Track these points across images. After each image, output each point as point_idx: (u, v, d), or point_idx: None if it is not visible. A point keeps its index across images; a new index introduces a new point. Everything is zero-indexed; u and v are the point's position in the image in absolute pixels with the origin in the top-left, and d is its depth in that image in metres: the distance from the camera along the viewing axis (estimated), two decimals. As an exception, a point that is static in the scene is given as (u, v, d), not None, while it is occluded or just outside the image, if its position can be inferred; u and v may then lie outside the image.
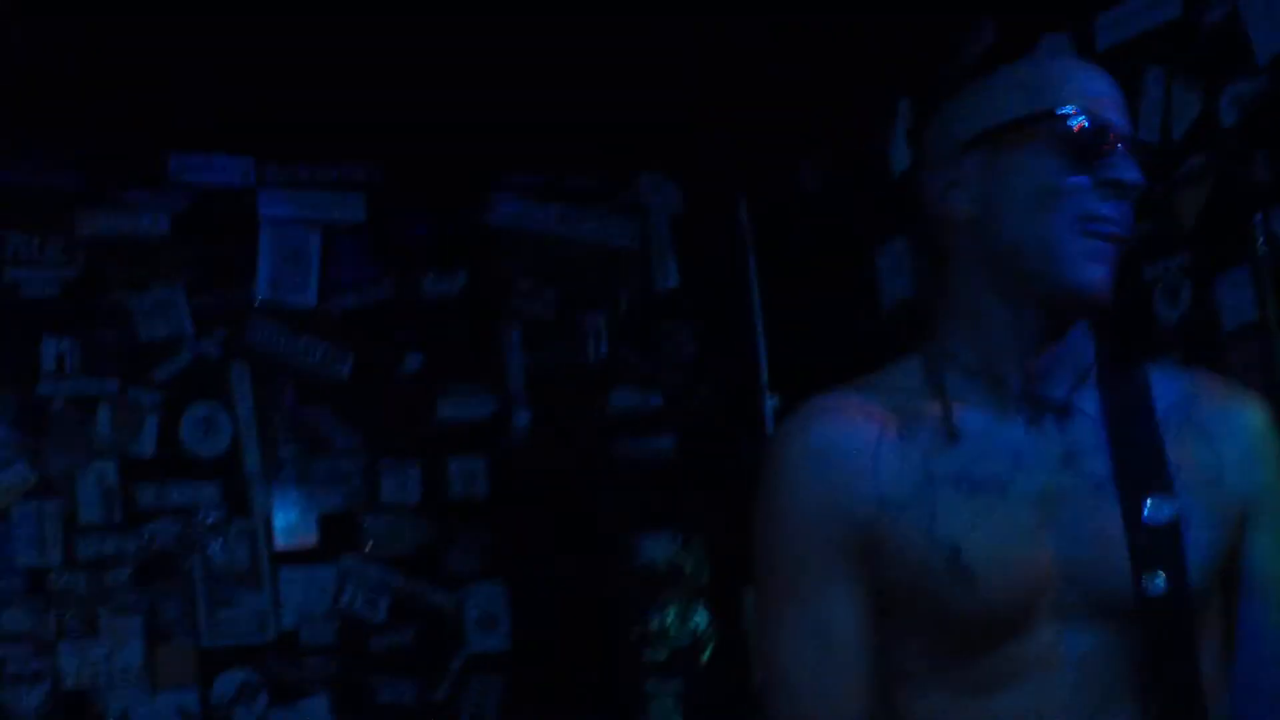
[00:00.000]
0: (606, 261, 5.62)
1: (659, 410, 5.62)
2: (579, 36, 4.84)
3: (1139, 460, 2.14)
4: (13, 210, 5.01)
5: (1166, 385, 2.23)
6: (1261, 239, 3.65)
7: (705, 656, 5.46)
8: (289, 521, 5.15)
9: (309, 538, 5.18)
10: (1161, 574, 2.08)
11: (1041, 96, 2.15)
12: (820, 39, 4.82)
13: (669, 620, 5.45)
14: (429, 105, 5.17)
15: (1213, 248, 3.78)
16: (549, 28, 4.80)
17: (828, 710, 2.13)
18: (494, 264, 5.50)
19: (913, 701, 2.15)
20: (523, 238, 5.53)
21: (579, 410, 5.51)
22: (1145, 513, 2.10)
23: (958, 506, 2.10)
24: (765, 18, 4.74)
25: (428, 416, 5.36)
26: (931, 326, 2.24)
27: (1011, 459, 2.13)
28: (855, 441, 2.16)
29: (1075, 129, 2.12)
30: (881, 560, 2.12)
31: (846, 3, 4.63)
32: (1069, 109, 2.12)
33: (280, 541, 5.14)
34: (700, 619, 5.47)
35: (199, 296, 5.16)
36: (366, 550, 5.23)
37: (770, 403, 5.55)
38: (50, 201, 5.06)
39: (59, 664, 4.86)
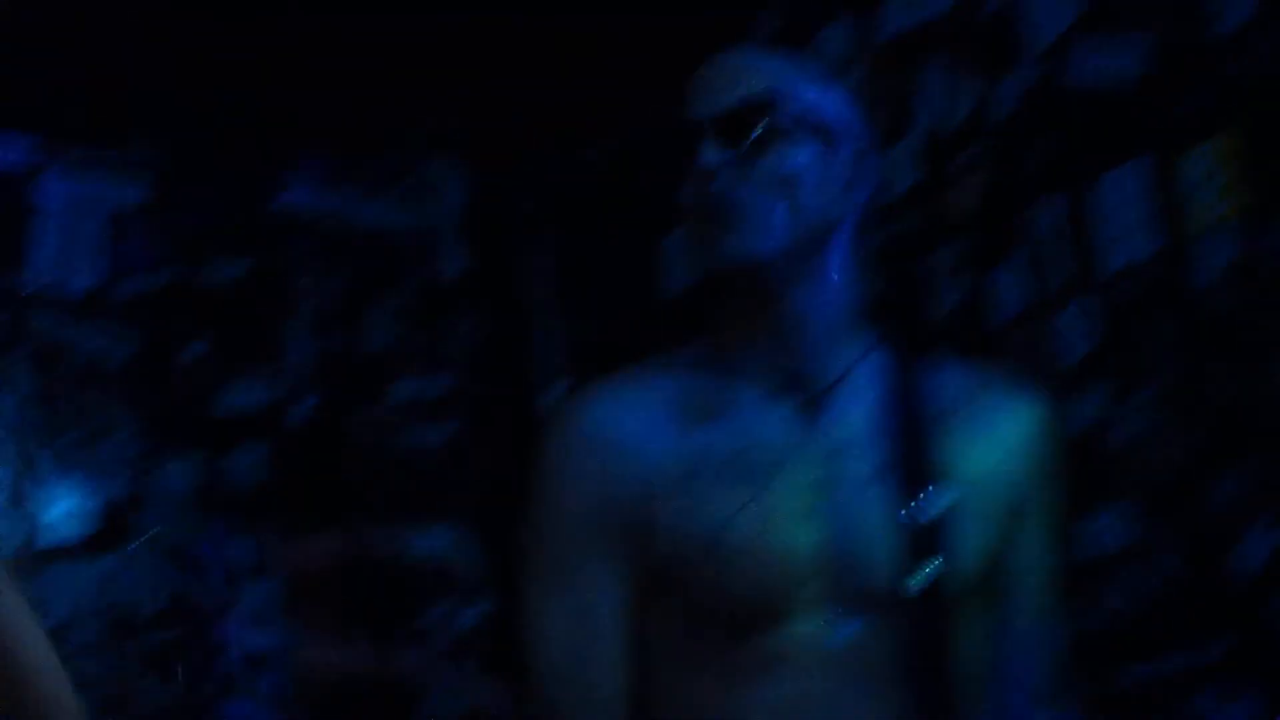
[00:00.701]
0: (393, 247, 5.58)
1: (440, 400, 5.57)
2: (367, 17, 4.80)
3: (911, 453, 2.18)
4: None
5: (946, 377, 2.28)
6: (1035, 230, 3.70)
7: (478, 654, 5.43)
8: (61, 513, 5.04)
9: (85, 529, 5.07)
10: (927, 568, 2.11)
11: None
12: (593, 20, 4.84)
13: (442, 615, 5.42)
14: (217, 87, 5.10)
15: (988, 238, 3.82)
16: (337, 7, 4.77)
17: (584, 692, 2.18)
18: (280, 250, 5.43)
19: (677, 687, 2.18)
20: (309, 223, 5.47)
21: (362, 399, 5.46)
22: (914, 505, 2.14)
23: (723, 492, 2.14)
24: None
25: (208, 405, 5.27)
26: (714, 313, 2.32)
27: (781, 448, 2.17)
28: (626, 425, 2.22)
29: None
30: (647, 543, 2.16)
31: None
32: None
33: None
34: (472, 615, 5.44)
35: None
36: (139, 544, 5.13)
37: (560, 392, 5.54)
38: None
39: None
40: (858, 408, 2.22)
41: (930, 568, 2.11)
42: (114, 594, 5.08)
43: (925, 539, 2.12)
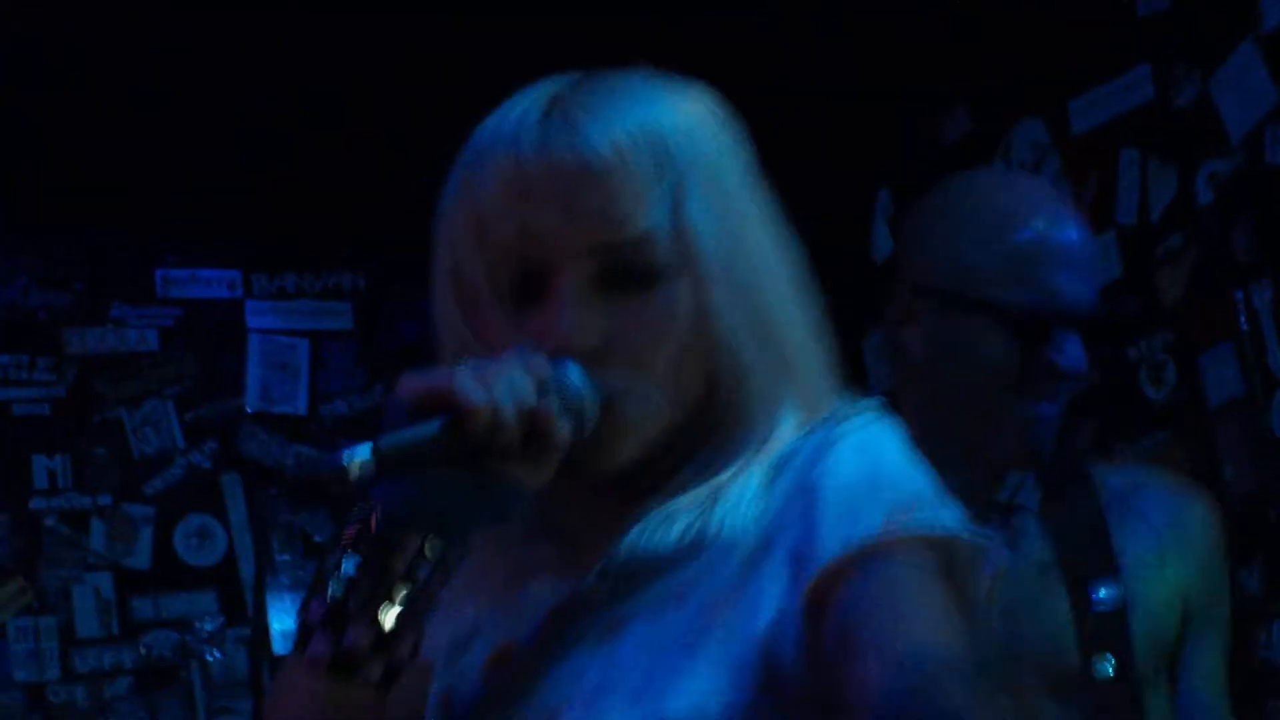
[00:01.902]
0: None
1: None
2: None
3: (1083, 546, 2.17)
4: (1, 330, 5.03)
5: (1113, 478, 2.28)
6: (1243, 315, 3.67)
7: None
8: (287, 627, 5.15)
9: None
10: (1110, 656, 2.10)
11: (992, 285, 2.19)
12: (797, 125, 4.86)
13: None
14: (412, 211, 5.17)
15: (1195, 325, 3.80)
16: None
17: None
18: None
19: None
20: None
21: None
22: (1092, 596, 2.12)
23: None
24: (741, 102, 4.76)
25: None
26: None
27: None
28: None
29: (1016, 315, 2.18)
30: None
31: (821, 91, 4.65)
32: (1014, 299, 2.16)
33: (279, 647, 5.13)
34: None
35: (189, 409, 5.18)
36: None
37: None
38: (39, 321, 5.09)
39: (60, 779, 4.86)
40: (1028, 510, 2.22)
41: (1109, 657, 2.09)
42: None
43: (1106, 629, 2.11)
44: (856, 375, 4.88)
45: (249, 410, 5.24)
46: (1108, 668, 2.09)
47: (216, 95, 4.49)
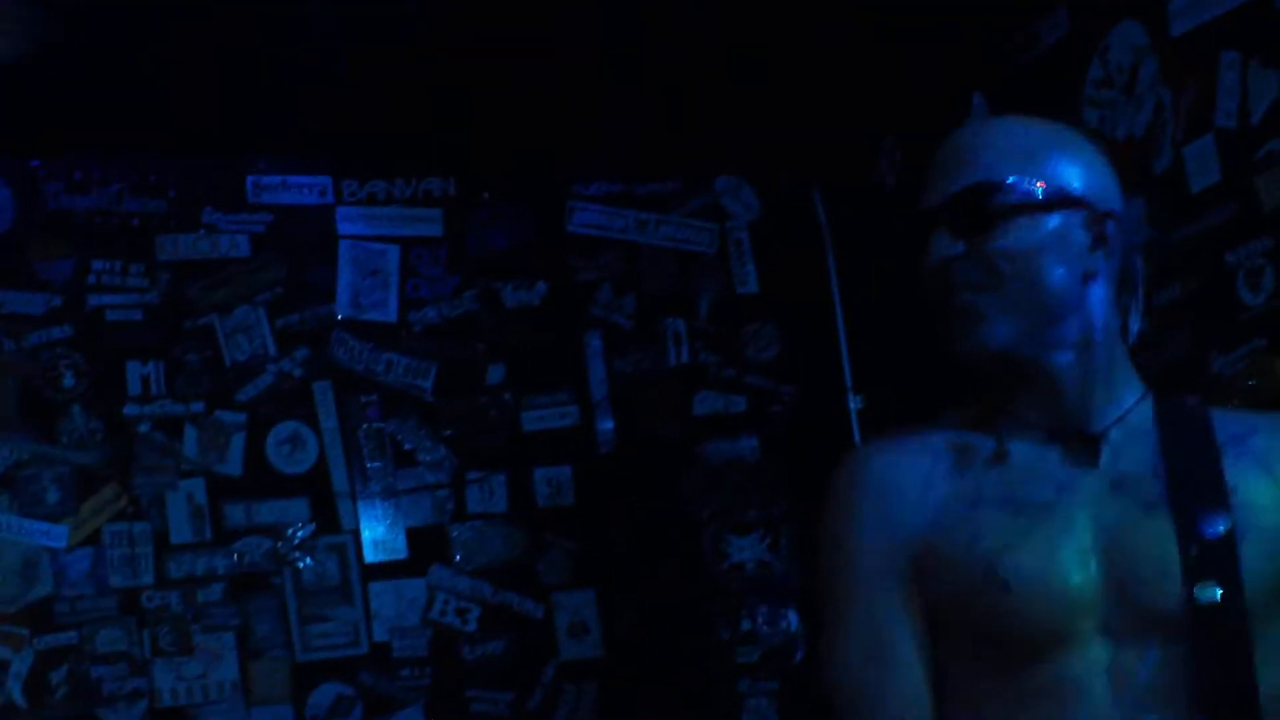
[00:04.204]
0: (686, 266, 5.62)
1: (742, 413, 5.60)
2: (653, 41, 4.84)
3: (1194, 480, 2.17)
4: (94, 237, 5.07)
5: (1226, 421, 2.26)
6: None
7: (798, 657, 5.45)
8: (377, 535, 5.18)
9: (398, 551, 5.21)
10: (1215, 585, 2.09)
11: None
12: (890, 33, 4.80)
13: (760, 621, 5.45)
14: (502, 117, 5.18)
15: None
16: (619, 37, 4.81)
17: None
18: (573, 273, 5.51)
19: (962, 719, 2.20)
20: (601, 245, 5.54)
21: (663, 415, 5.51)
22: (1198, 526, 2.12)
23: (1000, 525, 2.17)
24: (833, 13, 4.72)
25: (512, 427, 5.37)
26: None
27: (1057, 486, 2.20)
28: (908, 473, 2.27)
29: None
30: (930, 579, 2.20)
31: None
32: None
33: (369, 555, 5.16)
34: (791, 619, 5.47)
35: (280, 316, 5.19)
36: (455, 562, 5.24)
37: (854, 403, 5.53)
38: (131, 227, 5.11)
39: (155, 682, 4.91)
40: (1133, 448, 2.21)
41: (1215, 588, 2.08)
42: (434, 611, 5.20)
43: (1212, 558, 2.10)
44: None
45: (339, 317, 5.25)
46: (1214, 594, 2.07)
47: (311, 6, 4.47)
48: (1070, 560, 2.12)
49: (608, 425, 5.44)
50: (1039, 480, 2.20)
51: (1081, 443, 2.21)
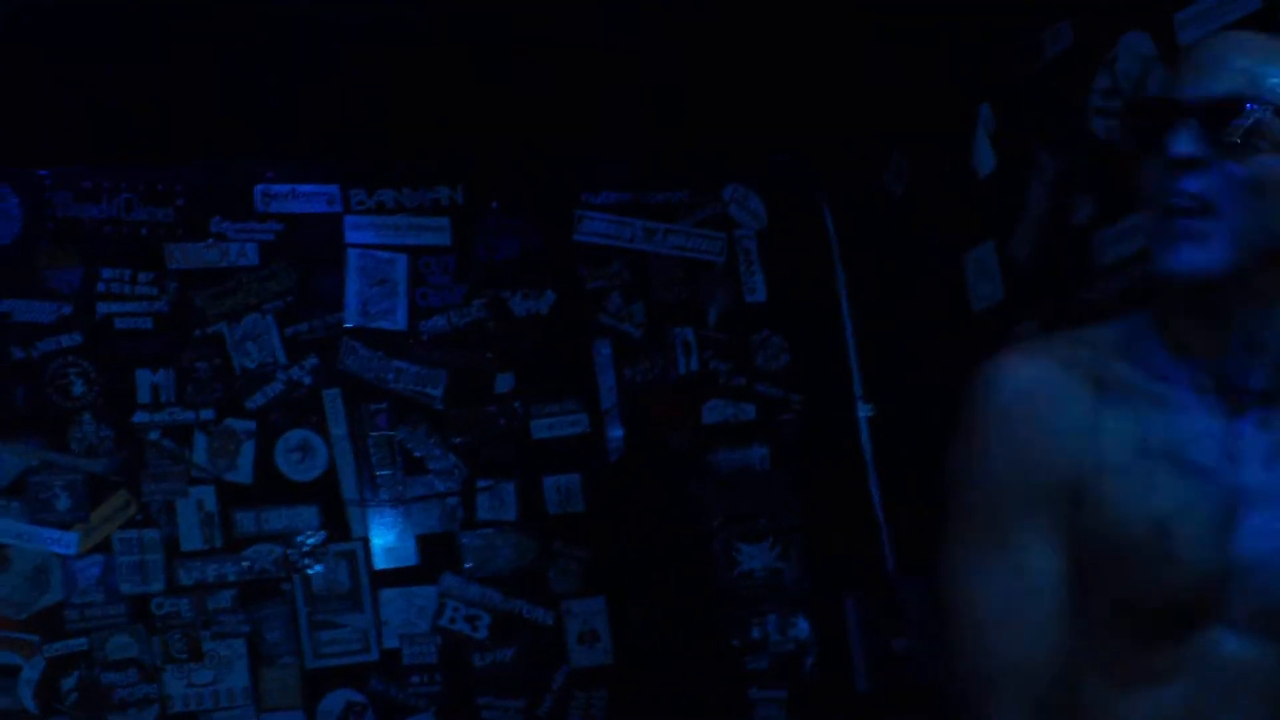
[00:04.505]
0: (694, 275, 5.62)
1: (752, 421, 5.61)
2: (661, 51, 4.86)
3: None
4: (104, 246, 5.07)
5: None
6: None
7: (808, 665, 5.46)
8: (387, 543, 5.18)
9: (408, 558, 5.21)
10: None
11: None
12: (899, 45, 4.81)
13: (770, 629, 5.45)
14: (511, 126, 5.19)
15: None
16: (628, 48, 4.82)
17: (1021, 649, 2.04)
18: (582, 281, 5.51)
19: (1074, 686, 2.07)
20: (609, 254, 5.54)
21: (672, 423, 5.51)
22: None
23: (1172, 486, 2.03)
24: (841, 25, 4.73)
25: (522, 435, 5.38)
26: (1145, 295, 2.16)
27: (1220, 448, 2.06)
28: (1071, 394, 2.08)
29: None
30: (1087, 521, 2.04)
31: (923, 10, 4.60)
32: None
33: (379, 563, 5.17)
34: (801, 627, 5.47)
35: (290, 324, 5.21)
36: (466, 569, 5.25)
37: (863, 411, 5.54)
38: (141, 236, 5.12)
39: (166, 689, 4.92)
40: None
41: None
42: (444, 618, 5.21)
43: None
44: (956, 289, 4.84)
45: (348, 325, 5.26)
46: None
47: (317, 12, 4.48)
48: (1221, 540, 2.02)
49: (617, 433, 5.44)
50: (1205, 440, 2.05)
51: (1246, 399, 2.07)
